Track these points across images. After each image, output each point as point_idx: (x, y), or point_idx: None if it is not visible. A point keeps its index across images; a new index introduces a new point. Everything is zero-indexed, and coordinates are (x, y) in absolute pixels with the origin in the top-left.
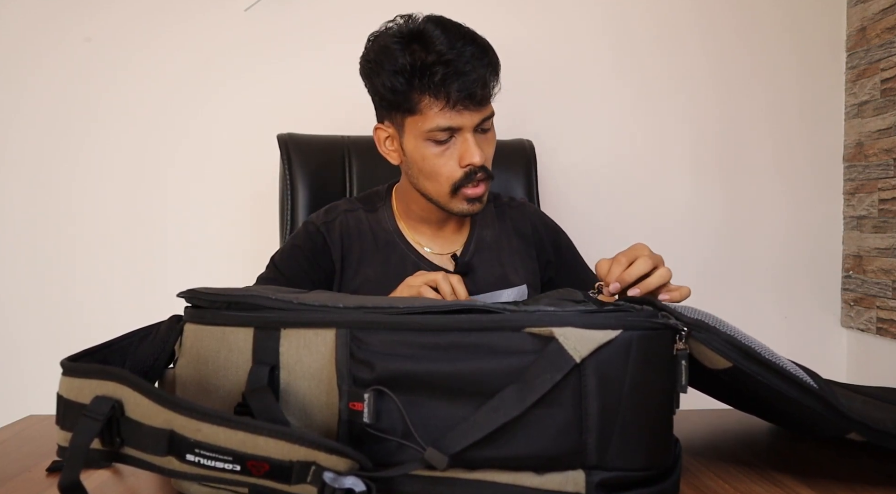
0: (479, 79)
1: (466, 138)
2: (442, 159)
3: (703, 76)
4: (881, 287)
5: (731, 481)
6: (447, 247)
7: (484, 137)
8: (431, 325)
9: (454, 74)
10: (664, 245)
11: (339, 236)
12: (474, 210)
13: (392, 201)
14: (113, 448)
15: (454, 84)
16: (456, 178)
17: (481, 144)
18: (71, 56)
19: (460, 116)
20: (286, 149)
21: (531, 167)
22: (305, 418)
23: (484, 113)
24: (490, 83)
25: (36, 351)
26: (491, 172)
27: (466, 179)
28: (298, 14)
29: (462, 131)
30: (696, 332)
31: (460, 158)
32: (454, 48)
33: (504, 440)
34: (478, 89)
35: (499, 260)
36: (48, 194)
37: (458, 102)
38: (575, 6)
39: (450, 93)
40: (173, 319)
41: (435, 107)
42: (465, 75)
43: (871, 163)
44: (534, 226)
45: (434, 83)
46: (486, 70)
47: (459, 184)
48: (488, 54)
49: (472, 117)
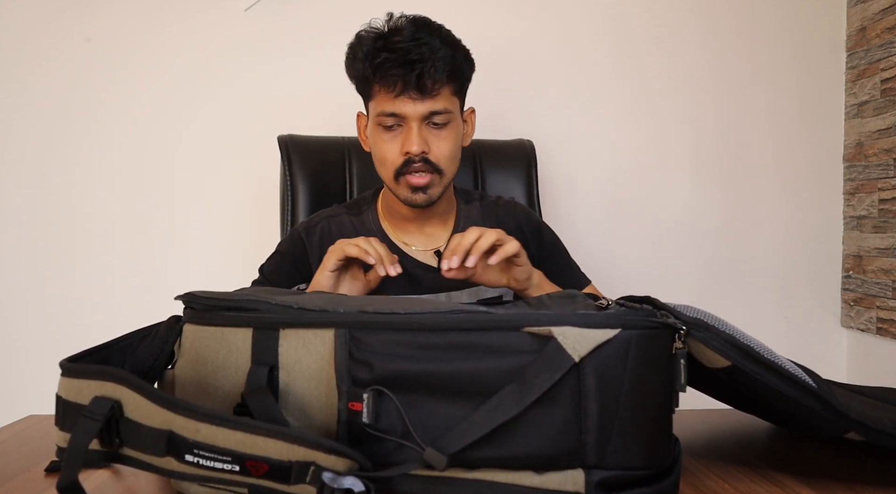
0: (427, 70)
1: (411, 127)
2: (388, 145)
3: (703, 76)
4: (881, 287)
5: (731, 481)
6: (431, 244)
7: (436, 131)
8: (430, 325)
9: (401, 61)
10: (664, 245)
11: (319, 241)
12: (418, 200)
13: (377, 203)
14: (112, 448)
15: (398, 70)
16: (398, 164)
17: (429, 137)
18: (71, 56)
19: (404, 105)
20: (286, 150)
21: (531, 167)
22: (304, 418)
23: (432, 106)
24: (441, 77)
25: (36, 351)
26: (437, 167)
27: (405, 166)
28: (298, 14)
29: (408, 120)
30: (695, 331)
31: (402, 146)
32: (414, 40)
33: (503, 439)
34: (425, 81)
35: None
36: (48, 194)
37: (403, 89)
38: (575, 6)
39: (395, 79)
40: (172, 319)
41: (384, 92)
42: (412, 64)
43: (871, 163)
44: (518, 223)
45: (382, 68)
46: (440, 64)
47: (400, 171)
48: (450, 52)
49: (417, 107)
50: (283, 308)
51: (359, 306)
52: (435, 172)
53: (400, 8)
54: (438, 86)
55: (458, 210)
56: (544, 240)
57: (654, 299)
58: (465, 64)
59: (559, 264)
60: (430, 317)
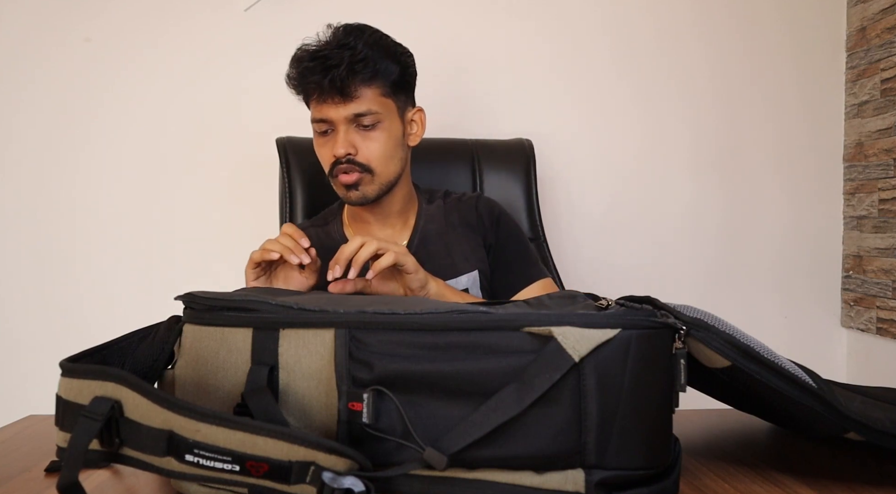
0: (342, 75)
1: (338, 131)
2: (322, 150)
3: (703, 76)
4: (881, 287)
5: (731, 481)
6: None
7: (365, 133)
8: (430, 325)
9: (320, 68)
10: (664, 245)
11: None
12: (352, 198)
13: (343, 213)
14: (112, 448)
15: (317, 77)
16: (329, 164)
17: (356, 139)
18: (71, 56)
19: (327, 109)
20: (285, 152)
21: (530, 167)
22: (304, 418)
23: (355, 108)
24: (358, 80)
25: (36, 351)
26: (367, 166)
27: (334, 167)
28: (298, 14)
29: (336, 124)
30: (695, 331)
31: (332, 149)
32: (338, 47)
33: (503, 439)
34: (345, 85)
35: (447, 250)
36: (48, 194)
37: (322, 94)
38: (575, 6)
39: (315, 86)
40: (172, 319)
41: (313, 100)
42: (329, 70)
43: (871, 163)
44: (479, 213)
45: (303, 77)
46: (359, 67)
47: (331, 172)
48: (373, 54)
49: (340, 111)
50: (283, 308)
51: (359, 307)
52: (364, 171)
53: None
54: (359, 89)
55: (419, 209)
56: (500, 231)
57: (654, 299)
58: (392, 65)
59: (512, 255)
60: (431, 317)
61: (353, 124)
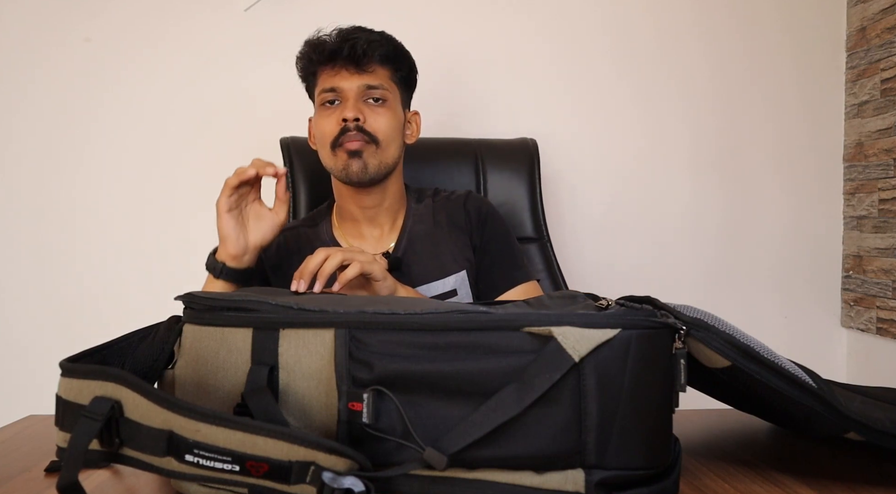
0: (361, 45)
1: (347, 98)
2: (327, 120)
3: (703, 76)
4: (881, 287)
5: (731, 481)
6: (380, 247)
7: (373, 106)
8: (430, 325)
9: (338, 40)
10: (665, 244)
11: (276, 253)
12: (354, 168)
13: (332, 214)
14: (112, 448)
15: (331, 45)
16: (335, 133)
17: (364, 109)
18: (71, 56)
19: (342, 79)
20: (288, 152)
21: (534, 166)
22: (304, 418)
23: (368, 80)
24: (374, 54)
25: (36, 351)
26: (373, 136)
27: (341, 134)
28: (298, 14)
29: (345, 93)
30: (695, 331)
31: (339, 116)
32: (349, 29)
33: (503, 439)
34: (358, 53)
35: (435, 251)
36: (49, 194)
37: (339, 64)
38: (576, 6)
39: (330, 53)
40: (172, 319)
41: (324, 72)
42: (347, 40)
43: (871, 163)
44: (467, 212)
45: (320, 48)
46: (375, 45)
47: (336, 140)
48: (385, 40)
49: (352, 80)
50: (283, 308)
51: (359, 307)
52: (371, 141)
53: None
54: (373, 63)
55: (408, 210)
56: (486, 231)
57: (654, 299)
58: (404, 61)
59: (496, 256)
60: (431, 317)
61: (362, 97)
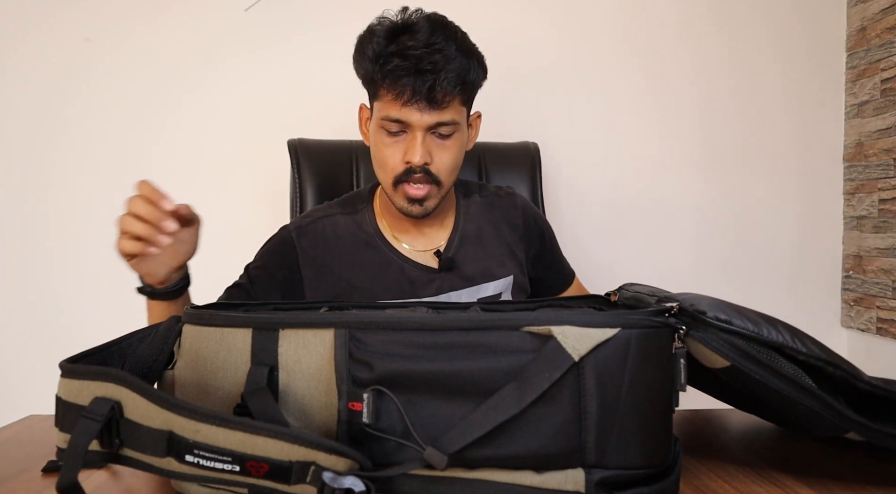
0: (440, 82)
1: (415, 136)
2: (390, 150)
3: (703, 77)
4: (881, 287)
5: (730, 481)
6: (430, 243)
7: (440, 142)
8: (430, 324)
9: (411, 69)
10: (665, 246)
11: (312, 243)
12: (414, 212)
13: (375, 200)
14: (112, 449)
15: (406, 78)
16: (398, 171)
17: (432, 148)
18: (70, 56)
19: (410, 113)
20: (296, 154)
21: (536, 169)
22: (305, 418)
23: (439, 116)
24: (453, 90)
25: (36, 351)
26: (437, 178)
27: (405, 175)
28: (299, 14)
29: (413, 129)
30: (695, 331)
31: (404, 154)
32: (428, 46)
33: (503, 439)
34: (436, 93)
35: (484, 253)
36: (49, 194)
37: (410, 97)
38: (580, 9)
39: (403, 86)
40: (172, 320)
41: (389, 97)
42: (423, 74)
43: (871, 163)
44: (525, 219)
45: (390, 73)
46: (452, 75)
47: (399, 178)
48: (464, 62)
49: (423, 117)
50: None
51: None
52: (434, 183)
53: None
54: (449, 98)
55: (457, 205)
56: (546, 235)
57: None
58: (478, 73)
59: (556, 257)
60: (431, 317)
61: (430, 132)
